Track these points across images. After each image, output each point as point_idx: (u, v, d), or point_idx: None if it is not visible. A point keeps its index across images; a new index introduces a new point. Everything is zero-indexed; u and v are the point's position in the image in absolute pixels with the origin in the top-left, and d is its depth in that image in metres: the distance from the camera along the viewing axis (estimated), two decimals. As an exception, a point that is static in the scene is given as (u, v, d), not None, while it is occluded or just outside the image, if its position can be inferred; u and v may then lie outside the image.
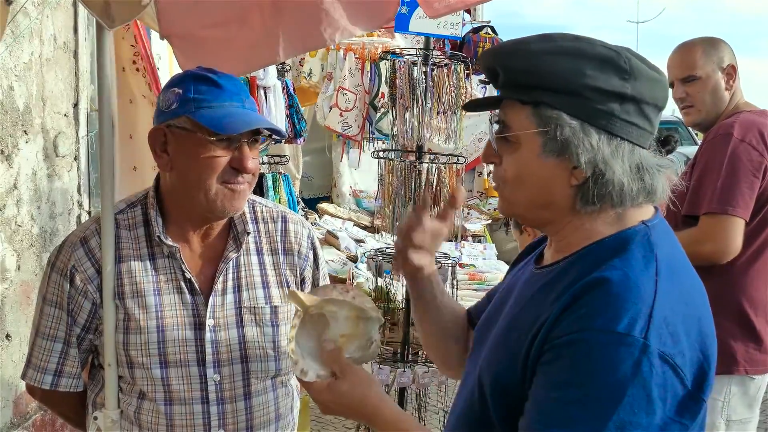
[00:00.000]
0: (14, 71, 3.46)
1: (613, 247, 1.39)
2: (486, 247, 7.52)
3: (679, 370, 1.28)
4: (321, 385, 1.57)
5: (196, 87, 1.96)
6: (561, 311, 1.34)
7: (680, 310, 1.33)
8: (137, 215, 2.09)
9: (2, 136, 3.34)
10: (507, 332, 1.47)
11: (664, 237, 1.44)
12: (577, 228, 1.44)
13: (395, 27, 4.40)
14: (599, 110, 1.37)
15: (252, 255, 2.13)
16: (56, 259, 2.07)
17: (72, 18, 4.15)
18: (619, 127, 1.38)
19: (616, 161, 1.37)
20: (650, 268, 1.35)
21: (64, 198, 4.05)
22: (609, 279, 1.32)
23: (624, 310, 1.28)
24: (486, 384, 1.46)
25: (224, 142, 1.95)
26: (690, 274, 1.44)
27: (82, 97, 4.25)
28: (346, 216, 8.56)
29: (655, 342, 1.26)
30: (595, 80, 1.37)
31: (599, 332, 1.28)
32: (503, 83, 1.46)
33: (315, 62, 7.34)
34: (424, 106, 4.39)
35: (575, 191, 1.41)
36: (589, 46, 1.40)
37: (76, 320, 2.05)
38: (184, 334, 2.01)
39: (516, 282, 1.61)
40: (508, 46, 1.51)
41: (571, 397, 1.28)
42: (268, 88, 4.75)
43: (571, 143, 1.37)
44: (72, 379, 2.09)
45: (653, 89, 1.41)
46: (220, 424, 2.02)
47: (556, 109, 1.38)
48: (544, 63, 1.40)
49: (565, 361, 1.30)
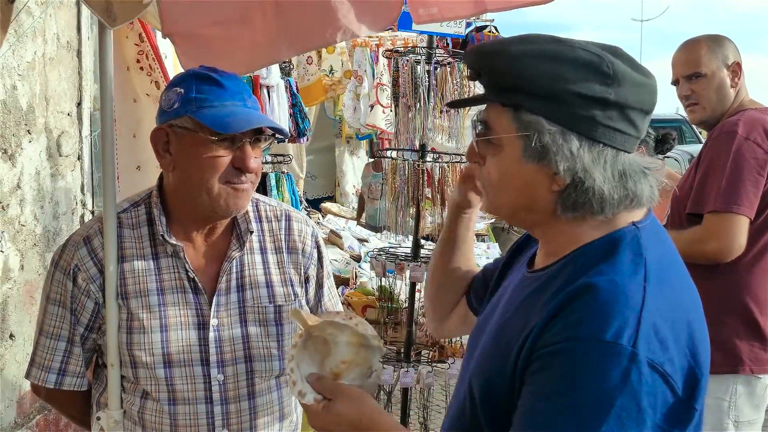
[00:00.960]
0: (17, 70, 3.46)
1: (601, 251, 1.36)
2: (489, 247, 7.53)
3: (669, 378, 1.25)
4: (317, 407, 1.54)
5: (198, 86, 1.96)
6: (548, 319, 1.31)
7: (669, 315, 1.30)
8: (141, 214, 2.09)
9: (6, 136, 3.34)
10: (497, 339, 1.46)
11: (655, 238, 1.41)
12: (564, 231, 1.42)
13: (399, 25, 4.38)
14: (580, 116, 1.34)
15: (256, 254, 2.12)
16: (59, 258, 2.06)
17: (75, 17, 4.15)
18: (602, 133, 1.34)
19: (597, 169, 1.34)
20: (639, 273, 1.32)
21: (67, 197, 4.05)
22: (596, 285, 1.30)
23: (611, 317, 1.25)
24: (476, 390, 1.45)
25: (226, 142, 1.95)
26: (681, 276, 1.41)
27: (86, 97, 4.25)
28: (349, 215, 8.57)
29: (643, 350, 1.24)
30: (576, 85, 1.33)
31: (586, 341, 1.25)
32: (486, 84, 1.45)
33: (334, 59, 7.25)
34: (427, 105, 4.39)
35: (556, 197, 1.38)
36: (570, 49, 1.36)
37: (80, 319, 2.05)
38: (188, 334, 2.01)
39: (509, 285, 1.60)
40: (488, 47, 1.48)
41: (559, 408, 1.26)
42: (271, 87, 4.75)
43: (550, 150, 1.34)
44: (76, 378, 2.09)
45: (639, 93, 1.37)
46: (224, 424, 2.02)
47: (536, 114, 1.35)
48: (524, 66, 1.36)
49: (553, 371, 1.28)
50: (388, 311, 4.77)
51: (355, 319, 1.61)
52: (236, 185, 1.97)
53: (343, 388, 1.54)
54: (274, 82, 4.77)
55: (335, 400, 1.52)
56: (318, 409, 1.53)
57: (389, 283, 4.69)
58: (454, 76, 4.43)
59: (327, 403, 1.53)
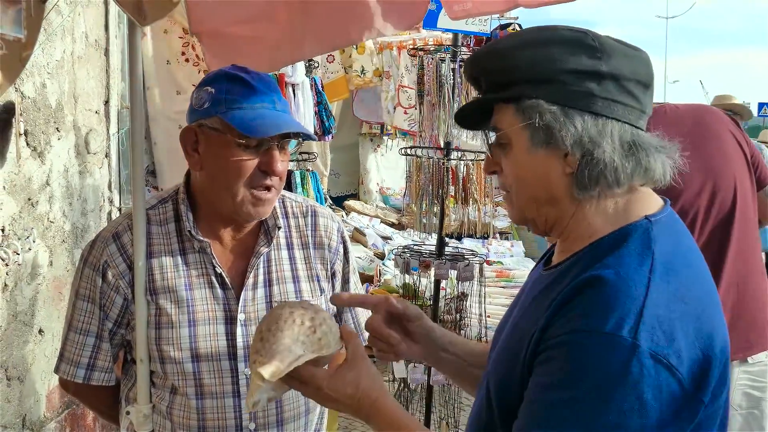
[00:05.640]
0: (47, 69, 3.50)
1: (609, 245, 1.37)
2: (513, 244, 7.52)
3: (674, 370, 1.24)
4: (322, 372, 1.52)
5: (228, 87, 1.97)
6: (554, 313, 1.33)
7: (677, 308, 1.29)
8: (168, 210, 2.11)
9: (35, 133, 3.38)
10: (511, 336, 1.47)
11: (669, 231, 1.40)
12: (579, 223, 1.42)
13: (423, 24, 4.40)
14: (576, 92, 1.36)
15: (282, 249, 2.14)
16: (89, 254, 2.09)
17: (103, 16, 4.18)
18: (602, 106, 1.36)
19: (604, 140, 1.36)
20: (644, 266, 1.32)
21: (95, 194, 4.09)
22: (600, 278, 1.30)
23: (612, 309, 1.26)
24: (492, 387, 1.46)
25: (254, 144, 1.96)
26: (694, 269, 1.40)
27: (113, 95, 4.28)
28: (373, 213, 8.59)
29: (645, 342, 1.23)
30: (566, 63, 1.36)
31: (587, 333, 1.26)
32: (486, 88, 1.48)
33: (365, 59, 7.33)
34: (451, 103, 4.39)
35: (571, 179, 1.39)
36: (553, 32, 1.41)
37: (108, 315, 2.07)
38: (216, 329, 2.03)
39: (526, 285, 1.61)
40: (481, 50, 1.53)
41: (560, 399, 1.26)
42: (296, 85, 4.77)
43: (554, 129, 1.36)
44: (104, 373, 2.11)
45: (631, 64, 1.39)
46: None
47: (534, 99, 1.38)
48: (515, 58, 1.41)
49: (556, 362, 1.29)
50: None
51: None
52: (261, 193, 1.99)
53: (366, 357, 1.55)
54: (299, 80, 4.80)
55: (349, 366, 1.53)
56: (324, 373, 1.52)
57: (413, 280, 4.69)
58: (479, 74, 4.42)
59: (339, 367, 1.53)
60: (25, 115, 3.29)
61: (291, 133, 2.03)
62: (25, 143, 3.31)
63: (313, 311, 1.57)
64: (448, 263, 4.37)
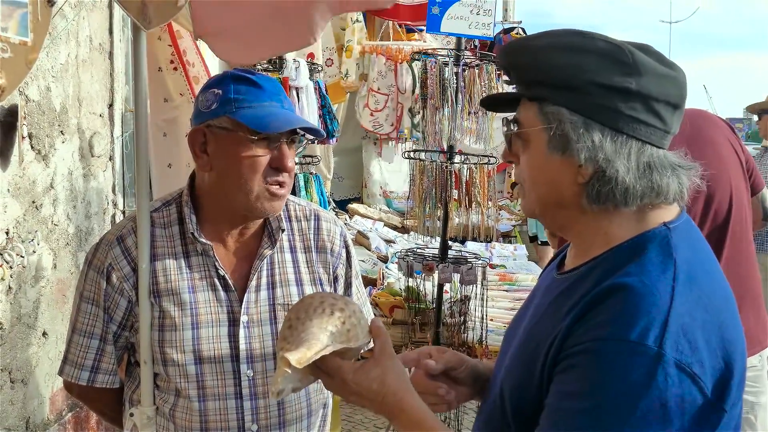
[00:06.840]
0: (51, 72, 3.51)
1: (630, 252, 1.36)
2: (516, 248, 7.50)
3: (698, 380, 1.24)
4: (349, 365, 1.50)
5: (236, 87, 1.99)
6: (576, 320, 1.32)
7: (699, 316, 1.28)
8: (172, 213, 2.11)
9: (39, 136, 3.39)
10: (526, 342, 1.46)
11: (687, 239, 1.40)
12: (594, 231, 1.41)
13: (427, 28, 4.41)
14: (601, 106, 1.34)
15: (285, 252, 2.15)
16: (93, 257, 2.09)
17: (107, 19, 4.20)
18: (625, 124, 1.34)
19: (619, 159, 1.34)
20: (668, 273, 1.31)
21: (99, 198, 4.10)
22: (624, 286, 1.29)
23: (637, 318, 1.25)
24: (506, 394, 1.45)
25: (264, 142, 1.97)
26: (714, 278, 1.39)
27: (117, 98, 4.30)
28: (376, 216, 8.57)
29: (671, 351, 1.22)
30: (595, 75, 1.34)
31: (611, 341, 1.25)
32: (515, 81, 1.47)
33: (351, 63, 7.46)
34: (455, 107, 4.39)
35: (582, 189, 1.38)
36: (590, 41, 1.38)
37: (113, 317, 2.08)
38: (219, 331, 2.03)
39: (539, 287, 1.60)
40: (513, 43, 1.50)
41: (583, 408, 1.25)
42: (300, 89, 4.77)
43: (570, 139, 1.35)
44: (108, 376, 2.12)
45: (663, 85, 1.36)
46: (253, 419, 2.04)
47: (557, 105, 1.36)
48: (546, 58, 1.39)
49: (578, 370, 1.28)
50: (415, 312, 4.78)
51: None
52: (275, 189, 2.00)
53: (393, 353, 1.52)
54: (303, 84, 4.79)
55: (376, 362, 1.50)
56: (350, 367, 1.49)
57: (416, 283, 4.69)
58: (482, 78, 4.43)
59: (366, 362, 1.50)
60: (29, 118, 3.30)
61: (301, 132, 2.04)
62: (30, 146, 3.32)
63: (343, 302, 1.56)
64: (451, 266, 4.37)
